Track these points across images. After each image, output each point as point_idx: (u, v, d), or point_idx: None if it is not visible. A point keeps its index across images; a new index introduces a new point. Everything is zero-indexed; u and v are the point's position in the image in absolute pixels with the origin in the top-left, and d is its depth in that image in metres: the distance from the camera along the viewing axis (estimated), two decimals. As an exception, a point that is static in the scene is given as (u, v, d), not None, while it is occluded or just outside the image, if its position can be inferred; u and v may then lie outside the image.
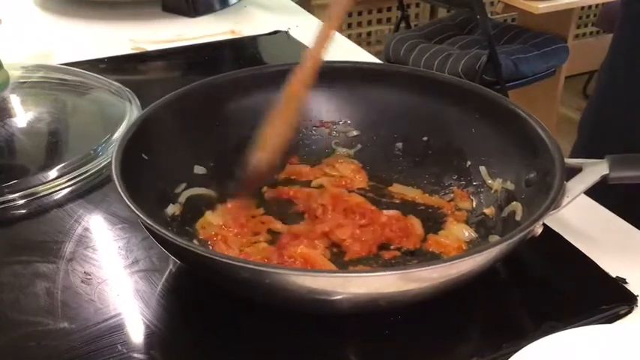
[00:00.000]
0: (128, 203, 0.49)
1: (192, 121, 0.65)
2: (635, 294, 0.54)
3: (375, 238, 0.59)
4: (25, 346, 0.50)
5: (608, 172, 0.53)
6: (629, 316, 0.53)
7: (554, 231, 0.61)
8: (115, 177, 0.52)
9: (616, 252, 0.59)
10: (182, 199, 0.61)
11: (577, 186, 0.53)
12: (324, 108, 0.71)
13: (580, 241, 0.60)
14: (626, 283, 0.55)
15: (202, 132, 0.66)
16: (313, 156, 0.70)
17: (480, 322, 0.54)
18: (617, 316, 0.53)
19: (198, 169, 0.64)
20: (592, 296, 0.54)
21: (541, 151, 0.57)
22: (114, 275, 0.57)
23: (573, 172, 0.55)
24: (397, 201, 0.66)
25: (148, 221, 0.48)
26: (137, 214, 0.48)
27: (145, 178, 0.57)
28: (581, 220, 0.63)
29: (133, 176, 0.54)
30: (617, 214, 0.65)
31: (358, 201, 0.64)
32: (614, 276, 0.56)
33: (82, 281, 0.56)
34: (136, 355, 0.49)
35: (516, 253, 0.57)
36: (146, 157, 0.59)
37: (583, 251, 0.59)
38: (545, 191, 0.52)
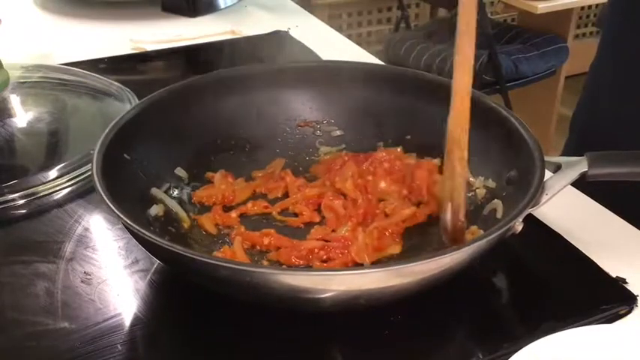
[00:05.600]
0: (107, 202, 0.49)
1: (175, 121, 0.65)
2: (635, 294, 0.54)
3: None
4: (25, 346, 0.50)
5: (587, 169, 0.54)
6: (629, 316, 0.53)
7: (555, 231, 0.61)
8: (95, 177, 0.52)
9: (616, 252, 0.59)
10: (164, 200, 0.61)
11: (556, 183, 0.54)
12: (308, 107, 0.71)
13: (580, 241, 0.60)
14: (626, 283, 0.55)
15: (186, 132, 0.65)
16: (297, 155, 0.70)
17: (479, 323, 0.53)
18: (617, 316, 0.53)
19: (180, 172, 0.64)
20: (592, 296, 0.54)
21: (521, 149, 0.57)
22: (114, 275, 0.57)
23: (557, 169, 0.55)
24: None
25: (127, 220, 0.48)
26: (117, 214, 0.48)
27: (128, 178, 0.57)
28: (581, 220, 0.63)
29: (114, 176, 0.54)
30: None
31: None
32: (614, 276, 0.56)
33: (82, 281, 0.56)
34: (136, 355, 0.49)
35: (516, 253, 0.57)
36: (128, 157, 0.59)
37: (583, 251, 0.59)
38: (524, 189, 0.52)
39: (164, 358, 0.51)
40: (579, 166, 0.54)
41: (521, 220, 0.50)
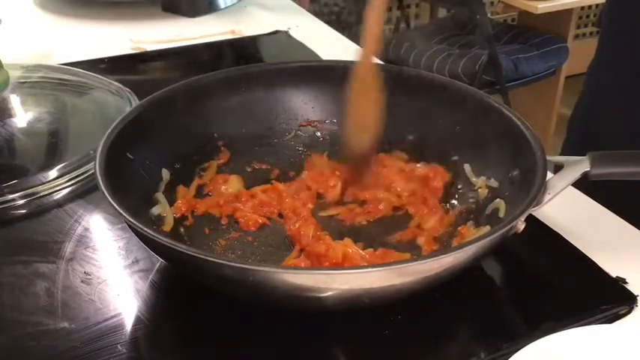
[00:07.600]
0: (111, 201, 0.49)
1: (177, 121, 0.65)
2: (635, 294, 0.54)
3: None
4: (25, 346, 0.50)
5: (589, 168, 0.54)
6: (629, 316, 0.53)
7: (554, 231, 0.61)
8: (98, 176, 0.52)
9: (616, 252, 0.59)
10: (163, 199, 0.61)
11: (559, 183, 0.54)
12: (310, 107, 0.71)
13: (580, 241, 0.60)
14: (626, 283, 0.55)
15: (187, 132, 0.66)
16: (298, 155, 0.70)
17: (479, 323, 0.53)
18: (617, 316, 0.53)
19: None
20: (592, 296, 0.54)
21: (524, 149, 0.57)
22: (114, 275, 0.57)
23: (557, 169, 0.55)
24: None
25: (130, 219, 0.48)
26: (120, 212, 0.49)
27: (131, 178, 0.57)
28: (581, 220, 0.63)
29: (117, 175, 0.54)
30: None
31: None
32: (614, 276, 0.56)
33: (82, 281, 0.56)
34: (136, 355, 0.49)
35: (517, 253, 0.57)
36: (131, 157, 0.59)
37: (583, 251, 0.59)
38: (527, 188, 0.52)
39: (164, 358, 0.51)
40: (581, 165, 0.54)
41: (523, 219, 0.50)
